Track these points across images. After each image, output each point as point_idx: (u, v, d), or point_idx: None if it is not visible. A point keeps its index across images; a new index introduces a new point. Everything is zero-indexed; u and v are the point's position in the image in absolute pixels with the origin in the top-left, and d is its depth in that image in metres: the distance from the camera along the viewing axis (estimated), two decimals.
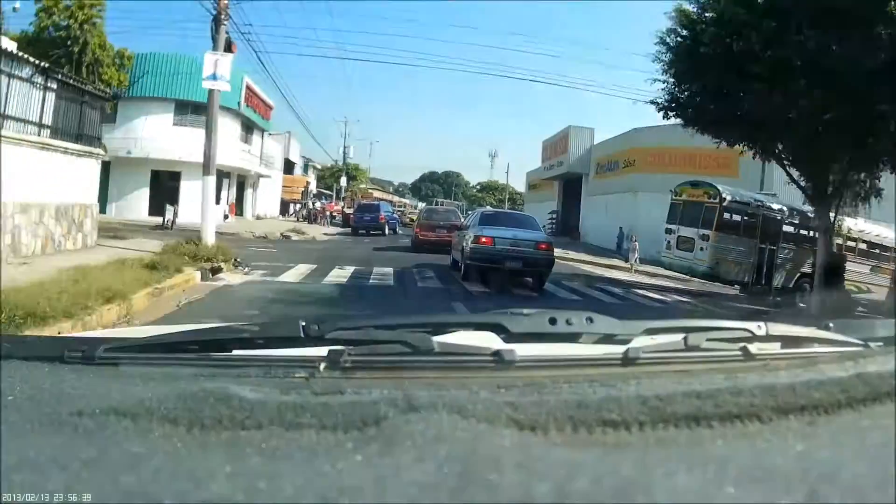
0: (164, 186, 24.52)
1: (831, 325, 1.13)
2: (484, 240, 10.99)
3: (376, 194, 61.53)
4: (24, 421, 0.63)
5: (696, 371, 0.87)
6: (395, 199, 66.75)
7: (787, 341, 1.08)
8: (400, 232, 29.60)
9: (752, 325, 1.03)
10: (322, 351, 0.89)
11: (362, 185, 65.15)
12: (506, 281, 10.94)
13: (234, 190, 30.15)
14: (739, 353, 0.99)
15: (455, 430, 0.60)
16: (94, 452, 0.55)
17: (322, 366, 0.86)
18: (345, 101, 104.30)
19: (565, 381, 0.77)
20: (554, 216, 38.94)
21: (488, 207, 24.09)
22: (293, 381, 0.81)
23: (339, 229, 30.74)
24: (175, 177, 24.79)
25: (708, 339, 1.00)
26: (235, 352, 0.94)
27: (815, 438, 0.65)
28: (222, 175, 27.10)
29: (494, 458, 0.54)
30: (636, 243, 18.89)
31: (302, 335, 0.90)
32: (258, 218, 32.60)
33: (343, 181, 43.92)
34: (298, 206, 34.97)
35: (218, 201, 26.20)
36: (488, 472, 0.51)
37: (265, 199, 35.34)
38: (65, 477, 0.51)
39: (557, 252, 12.54)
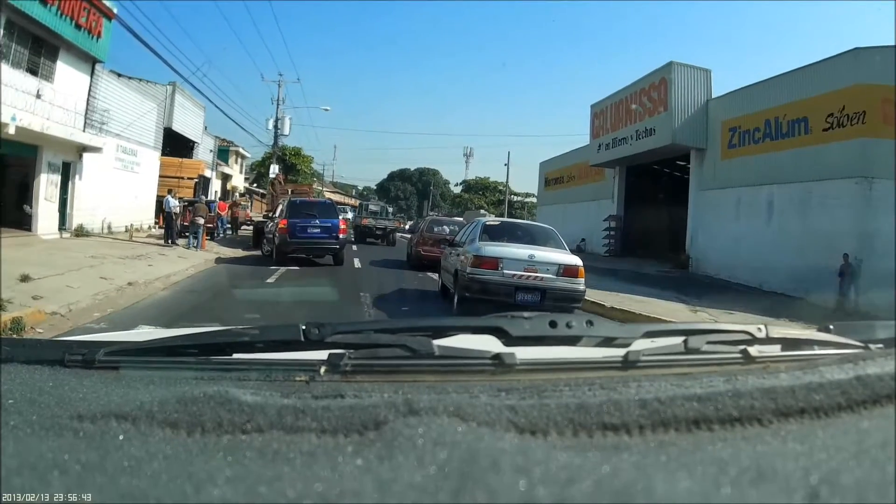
0: None
1: (831, 327, 1.14)
2: (486, 262, 7.65)
3: (326, 195, 46.01)
4: (24, 424, 0.63)
5: (696, 374, 0.86)
6: (348, 200, 50.64)
7: (787, 344, 1.07)
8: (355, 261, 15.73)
9: (751, 328, 1.03)
10: (322, 354, 0.89)
11: (316, 186, 49.20)
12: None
13: None
14: (739, 355, 0.99)
15: (455, 434, 0.60)
16: (95, 456, 0.56)
17: (322, 369, 0.86)
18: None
19: (565, 385, 0.77)
20: (613, 226, 23.78)
21: (490, 217, 15.16)
22: (293, 385, 0.81)
23: (244, 253, 16.35)
24: None
25: (708, 342, 1.00)
26: (236, 355, 0.94)
27: (814, 441, 0.65)
28: None
29: (494, 462, 0.54)
30: None
31: (302, 339, 0.89)
32: (80, 234, 16.34)
33: (274, 170, 26.73)
34: (174, 205, 16.86)
35: None
36: (488, 475, 0.52)
37: (114, 195, 18.61)
38: (65, 480, 0.51)
39: (663, 304, 9.28)
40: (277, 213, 14.73)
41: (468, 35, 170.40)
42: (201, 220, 15.73)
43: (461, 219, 19.59)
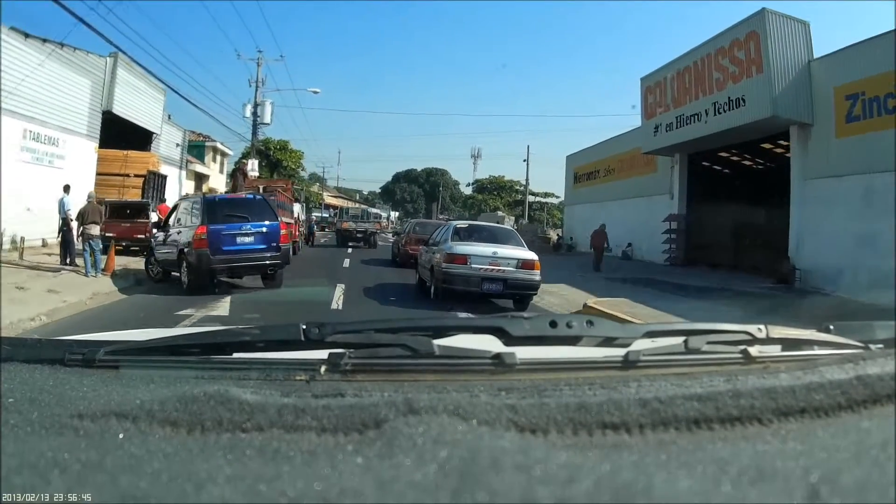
0: None
1: (831, 326, 1.13)
2: (457, 258, 9.01)
3: (328, 199, 41.09)
4: (25, 423, 0.63)
5: (697, 374, 0.85)
6: (349, 204, 45.74)
7: (788, 344, 1.06)
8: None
9: (752, 328, 1.03)
10: (322, 354, 0.88)
11: (315, 189, 44.66)
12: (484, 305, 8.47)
13: None
14: (740, 355, 0.98)
15: (455, 433, 0.60)
16: (95, 455, 0.56)
17: (322, 368, 0.86)
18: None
19: (566, 384, 0.77)
20: (675, 227, 18.96)
21: (462, 220, 14.75)
22: (293, 384, 0.81)
23: (174, 276, 10.38)
24: None
25: (708, 342, 0.99)
26: (236, 354, 0.94)
27: (815, 440, 0.65)
28: None
29: (495, 461, 0.54)
30: None
31: (302, 338, 0.89)
32: None
33: (251, 165, 22.58)
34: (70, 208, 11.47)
35: None
36: (488, 474, 0.52)
37: (19, 198, 13.58)
38: (65, 479, 0.51)
39: None
40: (184, 220, 10.10)
41: (478, 29, 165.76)
42: (95, 231, 10.49)
43: (441, 222, 18.93)
